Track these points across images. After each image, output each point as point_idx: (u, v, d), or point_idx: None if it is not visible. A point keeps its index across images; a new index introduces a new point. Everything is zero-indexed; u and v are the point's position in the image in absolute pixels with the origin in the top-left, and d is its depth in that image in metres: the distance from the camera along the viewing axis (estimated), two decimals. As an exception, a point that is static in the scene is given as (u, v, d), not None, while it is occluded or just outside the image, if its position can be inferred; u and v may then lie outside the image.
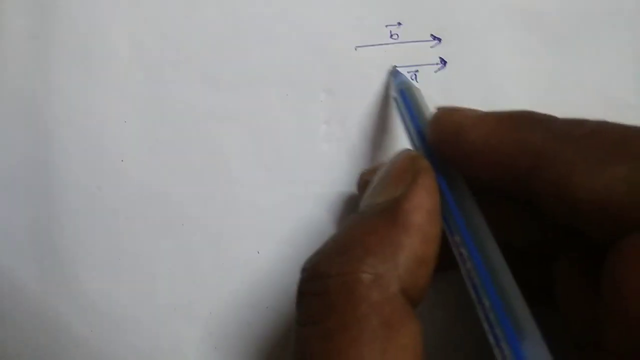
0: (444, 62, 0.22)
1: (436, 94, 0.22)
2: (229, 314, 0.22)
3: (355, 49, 0.22)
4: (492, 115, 0.16)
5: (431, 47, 0.22)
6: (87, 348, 0.22)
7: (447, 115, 0.17)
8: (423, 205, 0.15)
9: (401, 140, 0.22)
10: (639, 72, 0.22)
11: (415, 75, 0.22)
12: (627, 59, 0.22)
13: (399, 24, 0.22)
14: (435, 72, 0.22)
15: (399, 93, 0.20)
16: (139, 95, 0.22)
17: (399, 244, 0.14)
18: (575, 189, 0.14)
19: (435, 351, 0.21)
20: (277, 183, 0.22)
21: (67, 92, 0.22)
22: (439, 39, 0.22)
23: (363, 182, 0.20)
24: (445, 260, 0.15)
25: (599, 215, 0.14)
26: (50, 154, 0.22)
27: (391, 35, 0.22)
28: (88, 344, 0.22)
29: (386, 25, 0.22)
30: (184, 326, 0.22)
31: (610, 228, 0.14)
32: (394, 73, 0.22)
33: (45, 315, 0.22)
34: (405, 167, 0.16)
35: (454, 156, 0.16)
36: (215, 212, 0.22)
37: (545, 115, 0.16)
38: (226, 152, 0.22)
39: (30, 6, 0.22)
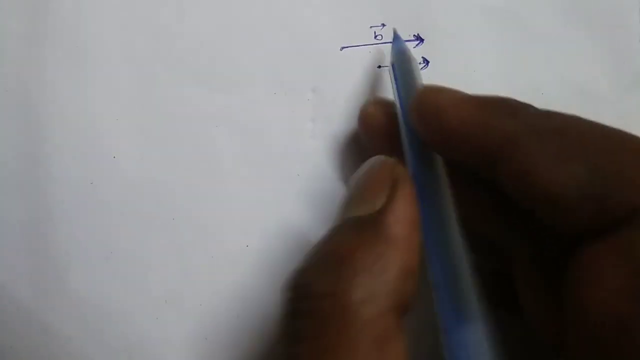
0: (426, 61, 0.23)
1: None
2: (219, 306, 0.22)
3: (341, 50, 0.23)
4: (473, 99, 0.16)
5: (414, 47, 0.23)
6: (79, 341, 0.22)
7: (430, 95, 0.17)
8: (406, 216, 0.15)
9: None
10: (614, 68, 0.23)
11: (399, 74, 0.23)
12: (603, 55, 0.23)
13: (383, 25, 0.23)
14: (419, 71, 0.23)
15: (391, 66, 0.20)
16: (130, 93, 0.22)
17: (387, 259, 0.14)
18: (534, 181, 0.14)
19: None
20: (265, 178, 0.22)
21: (60, 90, 0.22)
22: (422, 40, 0.23)
23: (363, 114, 0.21)
24: None
25: (555, 210, 0.14)
26: (44, 151, 0.22)
27: (375, 36, 0.23)
28: (79, 337, 0.22)
29: (370, 27, 0.23)
30: (174, 318, 0.22)
31: (565, 225, 0.14)
32: (394, 38, 0.21)
33: (36, 309, 0.22)
34: (383, 176, 0.16)
35: (432, 137, 0.17)
36: (205, 206, 0.22)
37: (522, 104, 0.16)
38: (216, 148, 0.22)
39: (23, 6, 0.23)
